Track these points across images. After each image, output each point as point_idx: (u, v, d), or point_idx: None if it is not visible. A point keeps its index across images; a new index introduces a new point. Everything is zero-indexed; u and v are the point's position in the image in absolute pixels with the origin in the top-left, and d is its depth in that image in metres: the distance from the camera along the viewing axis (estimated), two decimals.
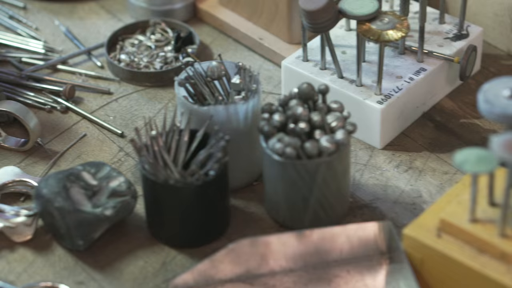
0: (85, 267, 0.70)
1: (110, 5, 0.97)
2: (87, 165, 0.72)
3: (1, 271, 0.69)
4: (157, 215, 0.70)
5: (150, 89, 0.87)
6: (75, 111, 0.84)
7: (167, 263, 0.70)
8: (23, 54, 0.90)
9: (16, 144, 0.79)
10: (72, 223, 0.68)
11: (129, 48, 0.90)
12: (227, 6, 0.93)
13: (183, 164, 0.70)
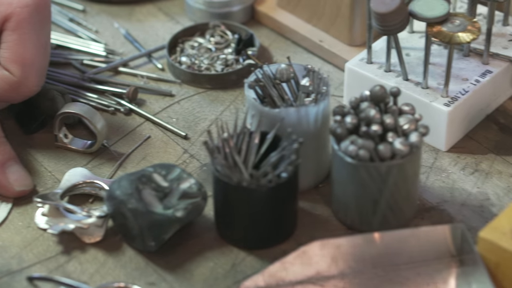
0: (156, 268, 0.70)
1: (167, 7, 0.97)
2: (158, 167, 0.72)
3: (74, 271, 0.70)
4: (227, 217, 0.71)
5: (212, 91, 0.87)
6: (138, 113, 0.85)
7: (236, 265, 0.70)
8: (85, 57, 0.91)
9: (83, 146, 0.80)
10: (144, 225, 0.69)
11: (189, 50, 0.90)
12: (285, 8, 0.93)
13: (253, 166, 0.70)
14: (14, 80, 0.77)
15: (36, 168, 0.78)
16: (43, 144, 0.81)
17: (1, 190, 0.75)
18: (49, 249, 0.71)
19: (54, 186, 0.77)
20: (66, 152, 0.80)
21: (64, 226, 0.71)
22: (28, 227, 0.73)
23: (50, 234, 0.72)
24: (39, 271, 0.70)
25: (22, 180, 0.75)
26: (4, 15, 0.77)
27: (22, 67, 0.77)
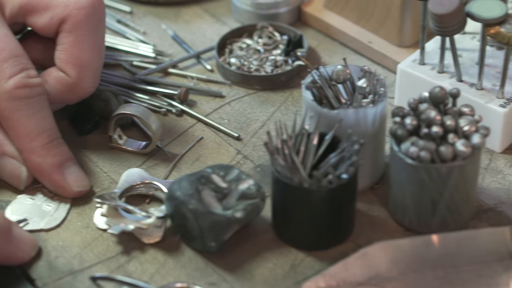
0: (216, 268, 0.71)
1: (213, 9, 0.98)
2: (216, 168, 0.73)
3: (135, 271, 0.70)
4: (286, 217, 0.71)
5: (262, 92, 0.87)
6: (190, 114, 0.85)
7: (296, 266, 0.71)
8: (134, 58, 0.91)
9: (138, 147, 0.81)
10: (205, 225, 0.69)
11: (238, 51, 0.91)
12: (333, 9, 0.93)
13: (311, 167, 0.71)
14: (70, 81, 0.78)
15: (92, 169, 0.79)
16: (97, 145, 0.82)
17: (60, 190, 0.75)
18: (109, 249, 0.72)
19: (111, 186, 0.77)
20: (120, 153, 0.81)
21: (124, 226, 0.72)
22: (87, 227, 0.74)
23: (109, 234, 0.73)
24: (100, 271, 0.70)
25: (80, 181, 0.76)
26: (61, 17, 0.78)
27: (78, 69, 0.78)
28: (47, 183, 0.75)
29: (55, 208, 0.75)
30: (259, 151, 0.81)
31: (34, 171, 0.75)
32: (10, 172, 0.76)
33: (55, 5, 0.78)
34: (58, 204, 0.76)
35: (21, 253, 0.69)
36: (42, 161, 0.75)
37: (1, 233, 0.67)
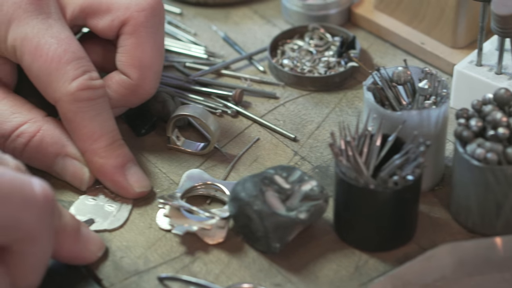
0: (280, 269, 0.71)
1: (263, 10, 0.98)
2: (278, 169, 0.73)
3: (199, 272, 0.71)
4: (349, 219, 0.71)
5: (315, 94, 0.88)
6: (245, 115, 0.86)
7: (360, 267, 0.71)
8: (186, 59, 0.92)
9: (196, 148, 0.81)
10: (270, 226, 0.70)
11: (290, 53, 0.91)
12: (384, 11, 0.93)
13: (374, 168, 0.71)
14: (132, 83, 0.79)
15: (151, 170, 0.80)
16: (155, 146, 0.82)
17: (122, 191, 0.76)
18: (173, 249, 0.73)
19: (171, 187, 0.78)
20: (178, 154, 0.82)
21: (188, 227, 0.72)
22: (149, 227, 0.74)
23: (172, 234, 0.74)
24: (165, 271, 0.71)
25: (141, 182, 0.76)
26: (122, 20, 0.78)
27: (140, 70, 0.78)
28: (109, 184, 0.76)
29: (117, 209, 0.76)
30: (316, 152, 0.81)
31: (97, 172, 0.76)
32: (73, 173, 0.76)
33: (116, 8, 0.78)
34: (120, 204, 0.76)
35: (88, 253, 0.70)
36: (104, 162, 0.75)
37: (70, 233, 0.68)
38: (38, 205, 0.62)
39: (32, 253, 0.62)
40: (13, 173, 0.62)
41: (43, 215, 0.62)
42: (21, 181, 0.61)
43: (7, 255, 0.62)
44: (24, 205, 0.61)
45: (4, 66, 0.78)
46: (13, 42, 0.75)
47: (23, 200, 0.61)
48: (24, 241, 0.62)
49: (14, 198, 0.61)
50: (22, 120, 0.76)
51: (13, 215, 0.61)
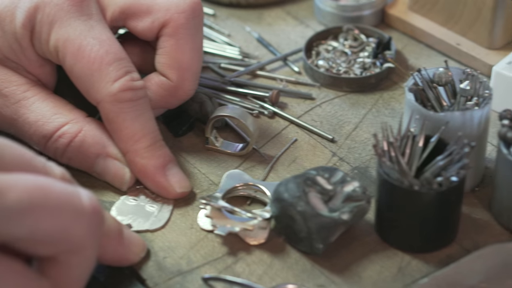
0: (323, 270, 0.71)
1: (295, 11, 0.99)
2: (320, 170, 0.73)
3: (242, 272, 0.71)
4: (392, 220, 0.72)
5: (351, 95, 0.88)
6: (282, 116, 0.86)
7: (403, 268, 0.71)
8: (221, 60, 0.92)
9: (235, 149, 0.81)
10: (313, 227, 0.70)
11: (325, 54, 0.91)
12: (418, 12, 0.93)
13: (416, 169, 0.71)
14: (172, 85, 0.79)
15: (190, 170, 0.80)
16: (193, 146, 0.82)
17: (163, 191, 0.76)
18: (215, 250, 0.73)
19: (210, 188, 0.78)
20: (216, 154, 0.82)
21: (231, 228, 0.72)
22: (191, 228, 0.75)
23: (213, 235, 0.74)
24: (208, 271, 0.71)
25: (182, 182, 0.77)
26: (162, 21, 0.78)
27: (179, 72, 0.79)
28: (150, 185, 0.76)
29: (158, 209, 0.76)
30: (354, 153, 0.82)
31: (138, 173, 0.76)
32: (114, 173, 0.77)
33: (156, 9, 0.79)
34: (161, 205, 0.77)
35: (131, 255, 0.70)
36: (146, 162, 0.76)
37: (113, 236, 0.68)
38: (87, 217, 0.62)
39: (77, 263, 0.62)
40: (62, 184, 0.62)
41: (91, 226, 0.62)
42: (70, 193, 0.61)
43: (53, 266, 0.62)
44: (73, 217, 0.61)
45: (45, 68, 0.78)
46: (55, 44, 0.75)
47: (72, 213, 0.61)
48: (71, 252, 0.62)
49: (64, 210, 0.61)
50: (63, 121, 0.77)
51: (62, 227, 0.60)
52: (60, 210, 0.60)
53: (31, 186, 0.60)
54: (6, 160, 0.62)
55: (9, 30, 0.76)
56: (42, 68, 0.78)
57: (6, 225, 0.58)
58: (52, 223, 0.60)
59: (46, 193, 0.60)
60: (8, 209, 0.58)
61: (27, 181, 0.60)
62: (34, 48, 0.76)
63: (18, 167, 0.62)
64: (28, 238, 0.59)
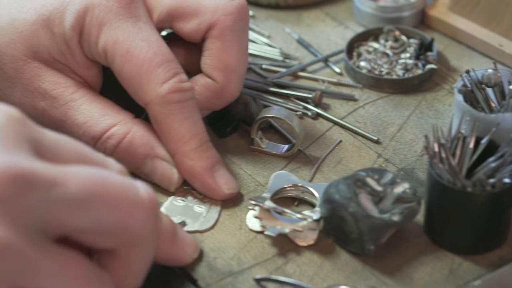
0: (373, 271, 0.71)
1: (334, 12, 0.99)
2: (370, 171, 0.73)
3: (293, 273, 0.71)
4: (443, 221, 0.71)
5: (394, 96, 0.88)
6: (325, 117, 0.86)
7: (454, 270, 0.71)
8: (262, 61, 0.92)
9: (281, 150, 0.82)
10: (365, 228, 0.70)
11: (366, 55, 0.92)
12: (459, 13, 0.93)
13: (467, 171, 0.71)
14: (218, 87, 0.79)
15: (236, 171, 0.80)
16: (237, 147, 0.83)
17: (211, 192, 0.77)
18: (265, 251, 0.73)
19: (257, 189, 0.78)
20: (261, 155, 0.82)
21: (281, 229, 0.72)
22: (240, 229, 0.75)
23: (262, 236, 0.74)
24: (259, 272, 0.71)
25: (230, 183, 0.77)
26: (209, 23, 0.79)
27: (225, 74, 0.79)
28: (198, 185, 0.77)
29: (207, 210, 0.76)
30: (399, 154, 0.82)
31: (186, 174, 0.76)
32: (162, 174, 0.77)
33: (203, 11, 0.79)
34: (209, 206, 0.77)
35: (184, 256, 0.70)
36: (194, 164, 0.76)
37: (168, 235, 0.68)
38: (144, 209, 0.62)
39: (136, 256, 0.63)
40: (120, 177, 0.62)
41: (149, 219, 0.62)
42: (128, 185, 0.62)
43: (112, 259, 0.63)
44: (132, 209, 0.61)
45: (92, 70, 0.78)
46: (104, 46, 0.75)
47: (131, 204, 0.61)
48: (130, 245, 0.62)
49: (123, 203, 0.61)
50: (112, 122, 0.77)
51: (121, 219, 0.61)
52: (119, 201, 0.61)
53: (90, 178, 0.60)
54: (64, 154, 0.62)
55: (58, 32, 0.76)
56: (89, 70, 0.78)
57: (67, 215, 0.59)
58: (111, 214, 0.60)
59: (105, 184, 0.61)
60: (69, 200, 0.59)
61: (86, 172, 0.60)
62: (83, 50, 0.77)
63: (76, 160, 0.62)
64: (88, 229, 0.60)
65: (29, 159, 0.59)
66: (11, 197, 0.57)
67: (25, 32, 0.76)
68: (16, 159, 0.58)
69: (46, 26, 0.76)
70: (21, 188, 0.57)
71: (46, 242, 0.59)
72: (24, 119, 0.61)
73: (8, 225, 0.57)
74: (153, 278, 0.70)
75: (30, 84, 0.77)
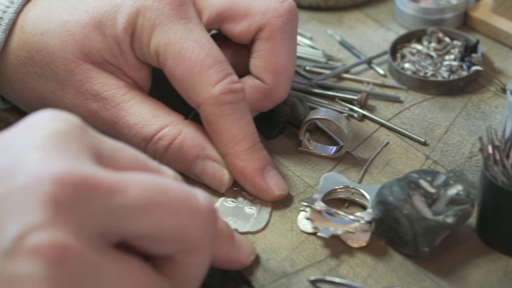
0: (427, 273, 0.71)
1: (375, 14, 0.99)
2: (422, 173, 0.73)
3: (347, 275, 0.71)
4: (497, 224, 0.71)
5: (439, 98, 0.88)
6: (372, 119, 0.86)
7: (509, 272, 0.71)
8: (305, 63, 0.92)
9: (329, 152, 0.82)
10: (420, 230, 0.70)
11: (410, 56, 0.92)
12: (502, 15, 0.93)
13: None
14: (266, 88, 0.80)
15: (285, 173, 0.80)
16: (285, 149, 0.83)
17: (261, 194, 0.77)
18: (317, 252, 0.73)
19: (306, 190, 0.79)
20: (309, 157, 0.82)
21: (334, 230, 0.73)
22: (291, 230, 0.75)
23: (314, 237, 0.74)
24: (313, 273, 0.71)
25: (280, 185, 0.77)
26: (259, 25, 0.79)
27: (275, 75, 0.79)
28: (249, 187, 0.77)
29: (257, 211, 0.77)
30: (448, 156, 0.82)
31: (237, 175, 0.77)
32: (212, 175, 0.77)
33: (253, 13, 0.79)
34: (260, 207, 0.77)
35: (243, 258, 0.70)
36: (245, 165, 0.76)
37: (226, 237, 0.68)
38: (203, 217, 0.62)
39: (194, 263, 0.63)
40: (179, 184, 0.62)
41: (207, 226, 0.63)
42: (187, 192, 0.62)
43: (170, 266, 0.63)
44: (191, 216, 0.61)
45: (142, 71, 0.79)
46: (156, 48, 0.76)
47: (190, 212, 0.61)
48: (188, 252, 0.62)
49: (182, 210, 0.61)
50: (163, 123, 0.77)
51: (181, 226, 0.61)
52: (178, 208, 0.61)
53: (151, 185, 0.60)
54: (122, 161, 0.62)
55: (110, 34, 0.76)
56: (140, 71, 0.79)
57: (127, 222, 0.59)
58: (171, 220, 0.60)
59: (165, 191, 0.61)
60: (129, 206, 0.59)
61: (146, 179, 0.61)
62: (134, 52, 0.77)
63: (133, 167, 0.62)
64: (148, 235, 0.60)
65: (91, 166, 0.59)
66: (74, 203, 0.57)
67: (77, 34, 0.77)
68: (78, 165, 0.58)
69: (98, 28, 0.76)
70: (83, 194, 0.58)
71: (107, 248, 0.59)
72: (85, 127, 0.61)
73: (70, 231, 0.57)
74: (208, 281, 0.71)
75: (82, 86, 0.78)
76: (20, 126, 0.61)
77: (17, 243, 0.55)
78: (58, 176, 0.57)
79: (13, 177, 0.57)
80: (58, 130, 0.60)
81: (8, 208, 0.57)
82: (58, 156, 0.58)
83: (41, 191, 0.57)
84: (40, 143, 0.59)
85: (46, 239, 0.55)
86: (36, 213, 0.56)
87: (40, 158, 0.58)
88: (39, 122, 0.61)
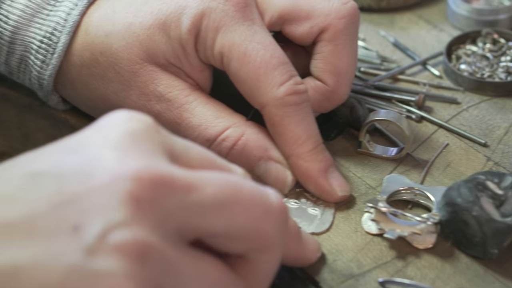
0: (496, 275, 0.71)
1: (427, 15, 0.99)
2: (489, 175, 0.73)
3: (414, 276, 0.71)
4: None
5: (497, 99, 0.88)
6: (430, 120, 0.86)
7: None
8: (360, 64, 0.92)
9: (389, 153, 0.82)
10: (489, 232, 0.70)
11: (465, 58, 0.92)
12: None
13: None
14: (328, 90, 0.80)
15: (345, 174, 0.80)
16: (344, 150, 0.83)
17: (325, 195, 0.77)
18: (383, 253, 0.73)
19: (368, 192, 0.79)
20: (369, 158, 0.82)
21: (401, 232, 0.73)
22: (356, 231, 0.75)
23: (379, 238, 0.74)
24: (380, 275, 0.71)
25: (343, 186, 0.77)
26: (321, 27, 0.79)
27: (336, 77, 0.79)
28: (313, 188, 0.77)
29: (321, 212, 0.77)
30: (509, 157, 0.81)
31: (301, 176, 0.77)
32: (275, 176, 0.77)
33: (316, 15, 0.79)
34: (323, 208, 0.77)
35: (310, 253, 0.71)
36: (309, 166, 0.76)
37: (293, 233, 0.69)
38: (276, 215, 0.62)
39: (266, 261, 0.63)
40: (251, 182, 0.62)
41: (280, 224, 0.63)
42: (260, 191, 0.62)
43: (242, 265, 0.63)
44: (264, 215, 0.62)
45: (204, 73, 0.79)
46: (220, 49, 0.76)
47: (263, 210, 0.62)
48: (261, 250, 0.62)
49: (256, 208, 0.61)
50: (226, 124, 0.77)
51: (254, 224, 0.61)
52: (252, 206, 0.61)
53: (225, 183, 0.60)
54: (194, 159, 0.63)
55: (174, 36, 0.77)
56: (203, 73, 0.79)
57: (202, 219, 0.59)
58: (245, 218, 0.61)
59: (239, 189, 0.61)
60: (205, 204, 0.59)
61: (221, 178, 0.61)
62: (198, 54, 0.77)
63: (204, 165, 0.63)
64: (222, 233, 0.60)
65: (166, 164, 0.59)
66: (153, 200, 0.58)
67: (142, 36, 0.77)
68: (155, 163, 0.59)
69: (163, 30, 0.77)
70: (160, 192, 0.58)
71: (185, 246, 0.59)
72: (157, 126, 0.62)
73: (151, 228, 0.57)
74: (276, 281, 0.71)
75: (145, 87, 0.78)
76: (95, 126, 0.62)
77: (100, 240, 0.56)
78: (137, 174, 0.57)
79: (91, 176, 0.58)
80: (133, 130, 0.60)
81: (88, 207, 0.57)
82: (135, 155, 0.59)
83: (121, 189, 0.57)
84: (116, 143, 0.59)
85: (129, 236, 0.56)
86: (117, 211, 0.56)
87: (117, 157, 0.58)
88: (114, 122, 0.61)
